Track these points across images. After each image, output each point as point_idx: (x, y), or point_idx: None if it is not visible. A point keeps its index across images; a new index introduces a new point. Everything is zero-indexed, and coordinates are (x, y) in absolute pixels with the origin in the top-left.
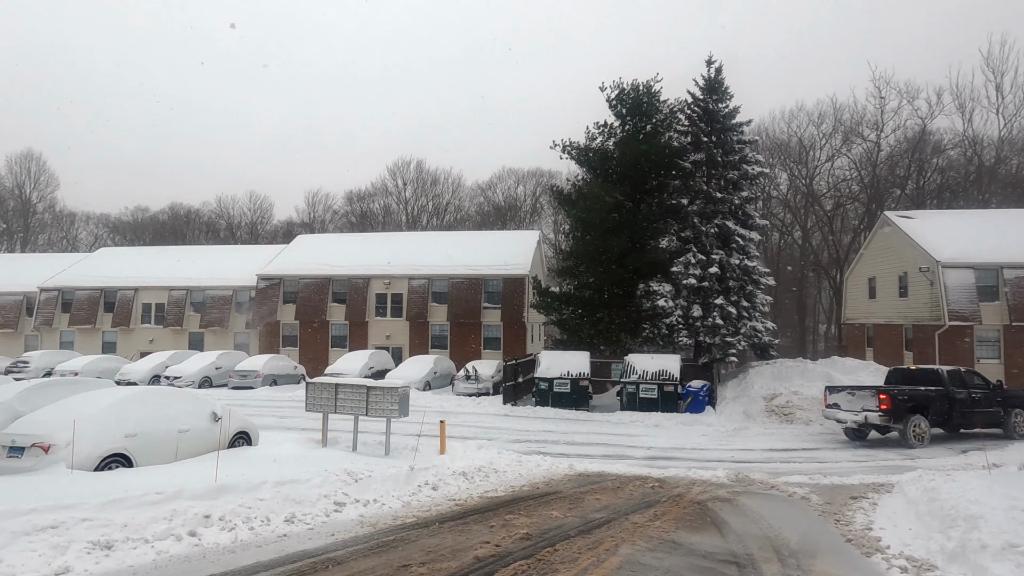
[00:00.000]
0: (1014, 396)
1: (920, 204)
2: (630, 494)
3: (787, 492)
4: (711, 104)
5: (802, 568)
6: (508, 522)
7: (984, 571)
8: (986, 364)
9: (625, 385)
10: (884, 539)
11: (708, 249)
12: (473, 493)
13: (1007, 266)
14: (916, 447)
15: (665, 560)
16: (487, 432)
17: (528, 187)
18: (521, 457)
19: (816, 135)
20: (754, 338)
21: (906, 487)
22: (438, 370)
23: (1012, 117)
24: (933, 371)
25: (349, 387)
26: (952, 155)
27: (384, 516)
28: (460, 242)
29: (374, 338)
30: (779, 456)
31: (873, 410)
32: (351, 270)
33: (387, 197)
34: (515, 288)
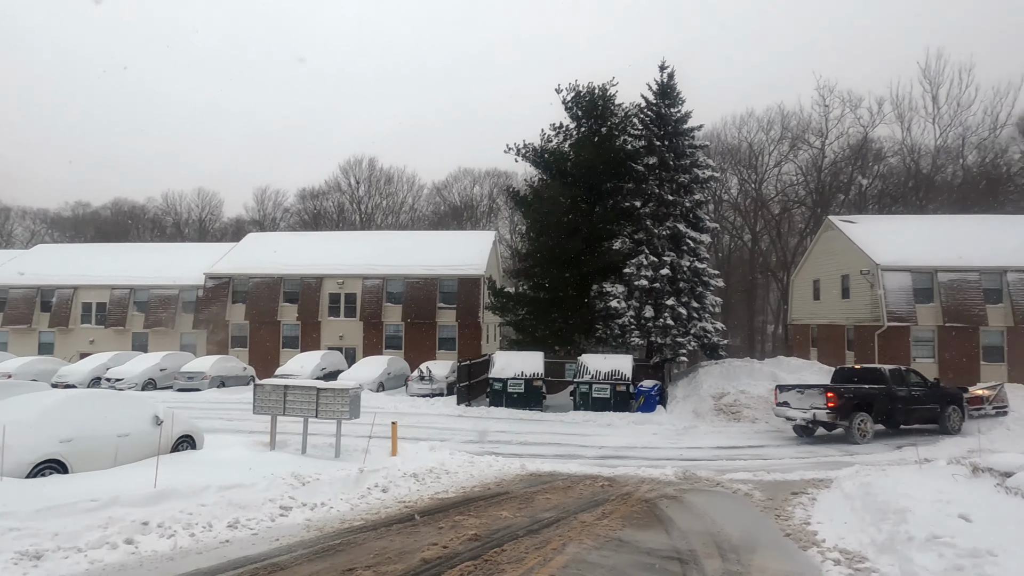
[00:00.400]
0: (949, 393)
1: (862, 209)
2: (580, 493)
3: (732, 489)
4: (663, 109)
5: (742, 563)
6: (457, 523)
7: (910, 561)
8: (922, 363)
9: (578, 385)
10: (820, 533)
11: (660, 251)
12: (424, 495)
13: (941, 269)
14: (860, 443)
15: (611, 558)
16: (440, 433)
17: (485, 187)
18: (473, 458)
19: (765, 141)
20: (704, 338)
21: (843, 482)
22: (392, 371)
23: (947, 127)
24: (876, 370)
25: (299, 389)
26: (892, 162)
27: (331, 519)
28: (415, 242)
29: (327, 339)
30: (726, 454)
31: (821, 408)
32: (303, 269)
33: (340, 195)
34: (471, 288)
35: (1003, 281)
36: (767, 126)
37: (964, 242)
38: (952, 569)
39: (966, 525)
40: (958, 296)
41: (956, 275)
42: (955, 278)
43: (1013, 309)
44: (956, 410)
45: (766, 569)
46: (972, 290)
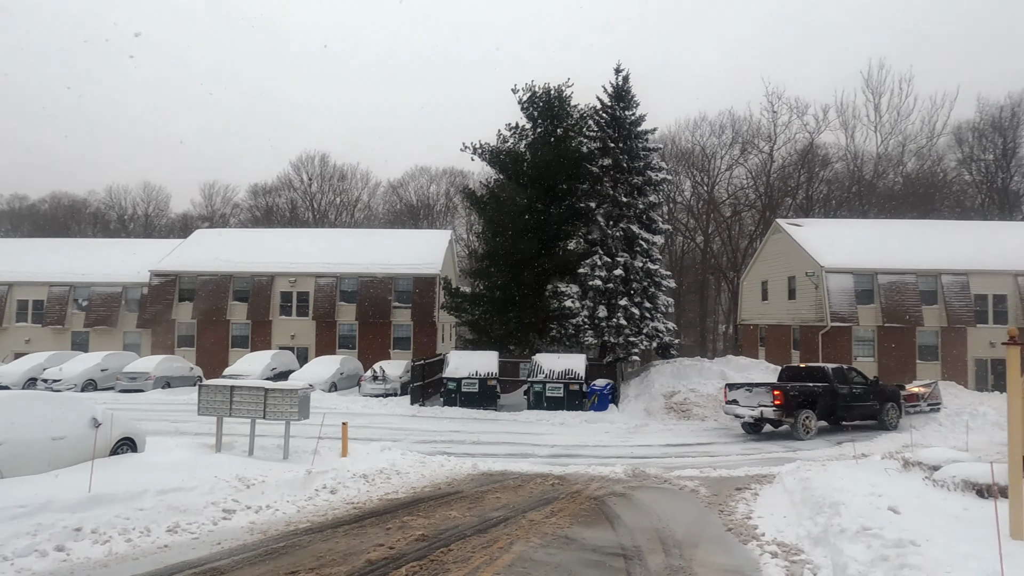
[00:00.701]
0: (888, 391)
1: (808, 213)
2: (530, 492)
3: (679, 485)
4: (618, 111)
5: (684, 558)
6: (405, 524)
7: (840, 553)
8: (862, 361)
9: (532, 384)
10: (760, 527)
11: (614, 252)
12: (373, 495)
13: (881, 272)
14: (804, 439)
15: (557, 555)
16: (393, 433)
17: (441, 186)
18: (425, 458)
19: (717, 145)
20: (656, 338)
21: (785, 477)
22: (345, 371)
23: (888, 135)
24: (820, 369)
25: (245, 389)
26: (837, 168)
27: (277, 522)
28: (370, 240)
29: (278, 338)
30: (675, 451)
31: (768, 405)
32: (254, 267)
33: (292, 192)
34: (426, 288)
35: (938, 283)
36: (719, 130)
37: (903, 246)
38: (879, 559)
39: (895, 517)
40: (896, 298)
41: (895, 277)
42: (894, 280)
43: (947, 310)
44: (894, 407)
45: (707, 563)
46: (909, 292)
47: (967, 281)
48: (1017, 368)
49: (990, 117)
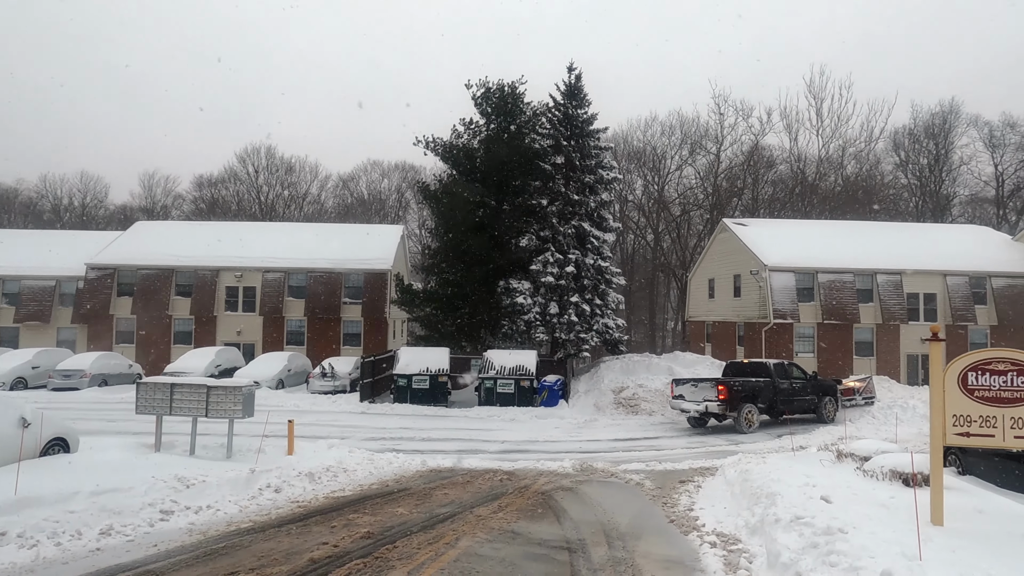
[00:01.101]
0: (825, 385)
1: (754, 213)
2: (479, 488)
3: (625, 479)
4: (571, 110)
5: (627, 549)
6: (351, 521)
7: (774, 541)
8: (803, 357)
9: (483, 380)
10: (702, 518)
11: (565, 249)
12: (319, 494)
13: (821, 271)
14: (746, 432)
15: (502, 550)
16: (342, 431)
17: (393, 181)
18: (373, 455)
19: (667, 145)
20: (606, 334)
21: (726, 470)
22: (293, 367)
23: (829, 139)
24: (762, 364)
25: (186, 387)
26: (781, 170)
27: (218, 522)
28: (320, 234)
29: (223, 334)
30: (623, 445)
31: (713, 400)
32: (198, 261)
33: (238, 184)
34: (377, 283)
35: (874, 282)
36: (669, 131)
37: (842, 246)
38: (809, 547)
39: (826, 506)
40: (835, 296)
41: (834, 276)
42: (833, 279)
43: (882, 308)
44: (831, 401)
45: (649, 554)
46: (847, 290)
47: (900, 280)
48: (940, 363)
49: (924, 123)
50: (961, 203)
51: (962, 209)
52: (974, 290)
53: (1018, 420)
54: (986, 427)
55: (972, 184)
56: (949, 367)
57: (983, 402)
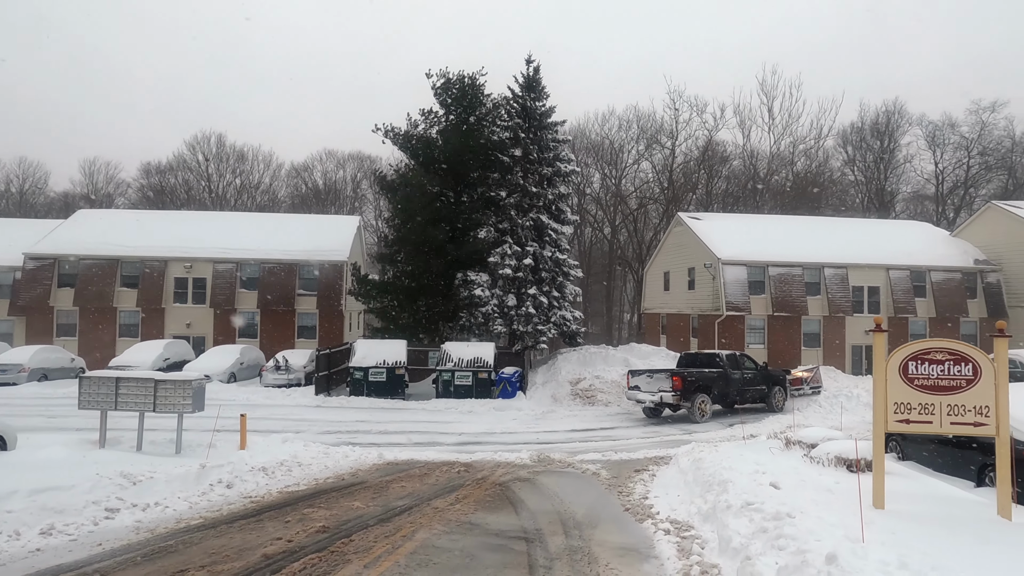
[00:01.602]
0: (775, 376)
1: (708, 207)
2: (436, 480)
3: (582, 469)
4: (529, 102)
5: (583, 538)
6: (306, 516)
7: (726, 527)
8: (754, 348)
9: (441, 373)
10: (656, 506)
11: (523, 241)
12: (272, 489)
13: (772, 264)
14: (699, 422)
15: (460, 541)
16: (296, 425)
17: (349, 170)
18: (329, 449)
19: (624, 139)
20: (563, 326)
21: (680, 459)
22: (245, 360)
23: (780, 136)
24: (715, 355)
25: (132, 381)
26: (735, 165)
27: (166, 520)
28: (273, 225)
29: (172, 327)
30: (579, 436)
31: (667, 391)
32: (145, 251)
33: (188, 172)
34: (333, 275)
35: (821, 276)
36: (626, 125)
37: (791, 240)
38: (759, 532)
39: (775, 492)
40: (785, 288)
41: (784, 270)
42: (783, 272)
43: (829, 301)
44: (780, 390)
45: (604, 542)
46: (796, 283)
47: (846, 274)
48: (882, 353)
49: (870, 122)
50: (904, 199)
51: (905, 205)
52: (914, 283)
53: (954, 407)
54: (925, 414)
55: (914, 181)
56: (891, 357)
57: (922, 390)
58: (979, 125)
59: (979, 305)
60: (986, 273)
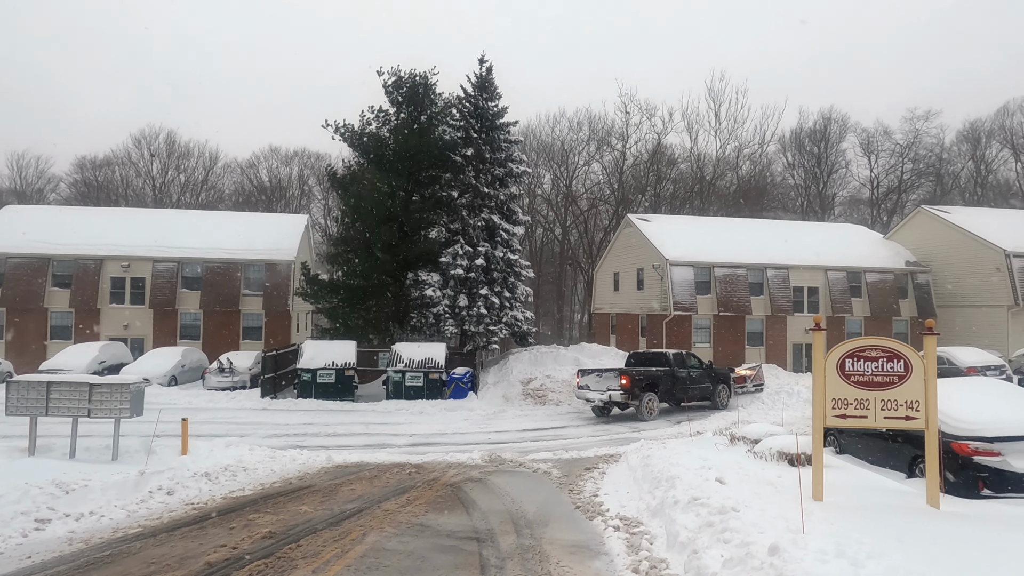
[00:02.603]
0: (720, 373)
1: (657, 209)
2: (386, 482)
3: (533, 468)
4: (482, 102)
5: (535, 536)
6: (251, 522)
7: (673, 522)
8: (700, 347)
9: (391, 374)
10: (606, 503)
11: (475, 241)
12: (216, 494)
13: (717, 265)
14: (647, 420)
15: (410, 543)
16: (241, 428)
17: (296, 168)
18: (276, 453)
19: (575, 141)
20: (515, 326)
21: (629, 456)
22: (187, 363)
23: (726, 140)
24: (662, 354)
25: (65, 385)
26: (683, 168)
27: (102, 529)
28: (218, 223)
29: (108, 328)
30: (531, 435)
31: (616, 390)
32: (79, 249)
33: (127, 168)
34: (280, 274)
35: (764, 276)
36: (577, 127)
37: (736, 242)
38: (705, 526)
39: (720, 487)
40: (730, 289)
41: (729, 270)
42: (728, 273)
43: (771, 300)
44: (725, 388)
45: (555, 540)
46: (741, 284)
47: (788, 275)
48: (821, 351)
49: (810, 128)
50: (842, 203)
51: (842, 209)
52: (851, 284)
53: (888, 402)
54: (860, 409)
55: (851, 186)
56: (829, 355)
57: (858, 386)
58: (913, 133)
59: (910, 304)
60: (916, 274)
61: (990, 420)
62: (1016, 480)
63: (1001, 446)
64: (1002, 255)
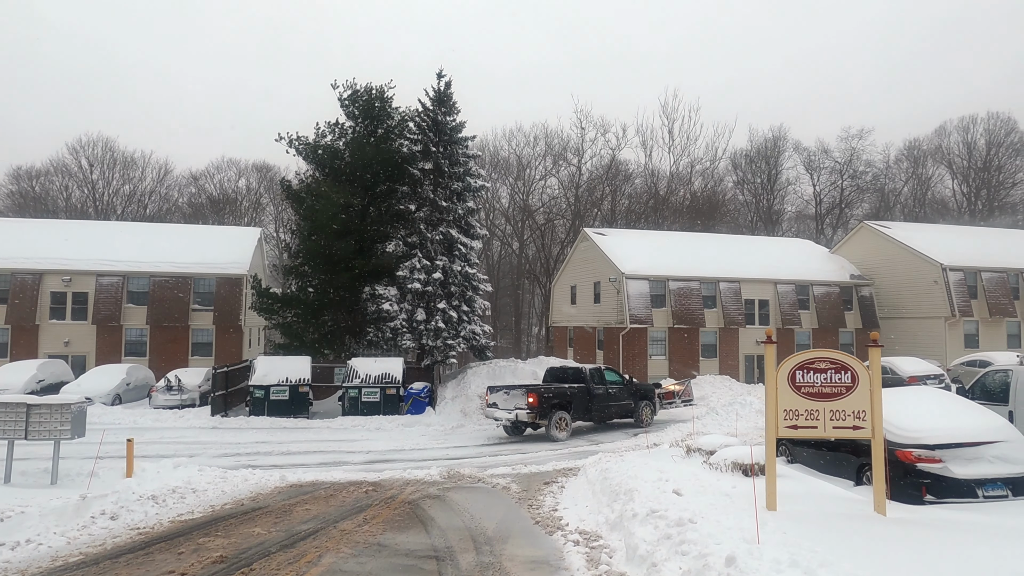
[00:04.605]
0: (643, 389)
1: (613, 223)
2: (343, 501)
3: (492, 484)
4: (440, 116)
5: (494, 553)
6: (201, 546)
7: (632, 535)
8: (656, 359)
9: (347, 390)
10: (565, 518)
11: (433, 255)
12: (164, 518)
13: (672, 279)
14: (559, 440)
15: (368, 564)
16: (190, 448)
17: (251, 180)
18: (227, 473)
19: (532, 155)
20: (473, 340)
21: (588, 470)
22: (132, 381)
23: (679, 156)
24: (578, 370)
25: (1, 405)
26: (637, 183)
27: (40, 558)
28: (166, 235)
29: (48, 345)
30: (489, 450)
31: (523, 408)
32: (15, 262)
33: (68, 178)
34: (231, 288)
35: (717, 289)
36: (533, 142)
37: (689, 256)
38: (663, 538)
39: (678, 499)
40: (684, 302)
41: (683, 284)
42: (682, 286)
43: (723, 313)
44: (648, 405)
45: (515, 557)
46: (694, 297)
47: (739, 288)
48: (773, 363)
49: (758, 146)
50: (789, 219)
51: (789, 224)
52: (799, 297)
53: (836, 412)
54: (811, 420)
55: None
56: (780, 367)
57: (808, 397)
58: (849, 151)
59: (855, 316)
60: (860, 287)
61: (931, 428)
62: (956, 486)
63: (942, 453)
64: (939, 269)
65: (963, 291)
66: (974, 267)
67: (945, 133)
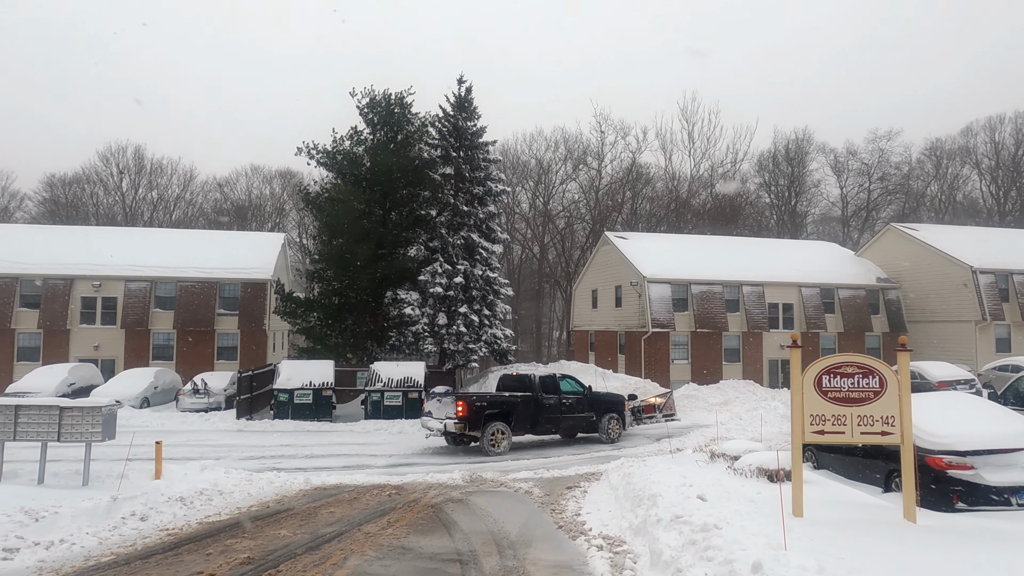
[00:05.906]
0: (607, 401)
1: (634, 226)
2: (366, 504)
3: (514, 488)
4: (461, 121)
5: (518, 557)
6: (229, 547)
7: (656, 541)
8: (679, 364)
9: (370, 393)
10: (588, 522)
11: (454, 259)
12: (191, 519)
13: (694, 282)
14: (493, 454)
15: (392, 567)
16: (216, 451)
17: (276, 187)
18: (252, 475)
19: (552, 159)
20: (494, 344)
21: (611, 474)
22: (160, 384)
23: (700, 160)
24: (527, 377)
25: (34, 408)
26: (658, 187)
27: (73, 558)
28: (192, 241)
29: (78, 349)
30: (511, 455)
31: (453, 417)
32: (47, 268)
33: (99, 186)
34: (256, 293)
35: (740, 293)
36: (554, 146)
37: (712, 259)
38: (688, 544)
39: (702, 504)
40: (706, 306)
41: (705, 287)
42: (704, 290)
43: (747, 317)
44: (615, 419)
45: (539, 561)
46: (717, 300)
47: (763, 291)
48: (799, 367)
49: (782, 148)
50: (814, 221)
51: (814, 227)
52: (824, 300)
53: (864, 417)
54: (838, 425)
55: (822, 204)
56: (806, 371)
57: (835, 402)
58: (877, 152)
59: (882, 320)
60: (887, 291)
61: (963, 434)
62: (989, 493)
63: (974, 460)
64: (968, 271)
65: (994, 294)
66: (1005, 269)
67: (972, 133)
